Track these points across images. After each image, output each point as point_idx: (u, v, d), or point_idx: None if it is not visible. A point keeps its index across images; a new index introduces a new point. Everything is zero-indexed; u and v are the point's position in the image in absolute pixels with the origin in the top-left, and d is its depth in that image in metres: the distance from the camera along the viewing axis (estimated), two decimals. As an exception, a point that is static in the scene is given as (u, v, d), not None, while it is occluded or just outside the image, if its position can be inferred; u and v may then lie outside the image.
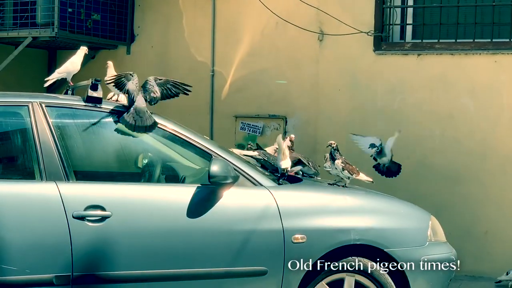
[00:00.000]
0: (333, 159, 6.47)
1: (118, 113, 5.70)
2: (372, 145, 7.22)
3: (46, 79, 6.41)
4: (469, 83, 8.84)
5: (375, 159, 7.22)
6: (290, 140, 6.74)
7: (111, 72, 6.14)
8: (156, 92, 5.87)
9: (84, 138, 5.78)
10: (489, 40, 8.78)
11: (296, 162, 6.66)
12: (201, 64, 10.20)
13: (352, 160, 6.72)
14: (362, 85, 9.33)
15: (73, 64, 6.38)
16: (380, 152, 7.16)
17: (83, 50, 6.47)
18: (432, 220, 6.25)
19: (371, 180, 6.70)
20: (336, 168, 6.43)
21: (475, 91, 8.81)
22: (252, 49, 9.94)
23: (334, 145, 6.52)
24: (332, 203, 5.98)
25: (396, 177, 7.28)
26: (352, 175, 6.43)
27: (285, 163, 6.21)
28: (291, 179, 6.26)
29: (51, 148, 5.41)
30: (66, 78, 6.37)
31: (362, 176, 6.59)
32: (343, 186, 6.34)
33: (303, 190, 6.13)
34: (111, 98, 6.01)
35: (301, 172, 6.75)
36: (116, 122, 5.68)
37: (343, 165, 6.41)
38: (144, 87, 5.84)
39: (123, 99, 5.90)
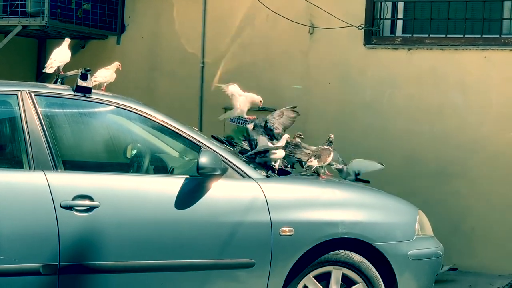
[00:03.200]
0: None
1: (107, 103, 5.73)
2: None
3: (47, 65, 6.50)
4: (459, 78, 8.85)
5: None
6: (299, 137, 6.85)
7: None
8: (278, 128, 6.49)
9: (73, 128, 5.77)
10: (479, 35, 8.79)
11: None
12: (191, 55, 10.18)
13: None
14: (352, 79, 9.33)
15: (67, 53, 6.54)
16: (341, 171, 7.18)
17: (67, 42, 6.65)
18: (419, 215, 6.26)
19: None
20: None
21: (464, 86, 8.83)
22: (243, 42, 9.93)
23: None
24: (321, 196, 5.98)
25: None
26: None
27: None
28: (279, 172, 6.26)
29: (39, 137, 5.40)
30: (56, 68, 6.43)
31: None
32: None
33: (291, 182, 6.12)
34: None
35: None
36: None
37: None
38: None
39: None
